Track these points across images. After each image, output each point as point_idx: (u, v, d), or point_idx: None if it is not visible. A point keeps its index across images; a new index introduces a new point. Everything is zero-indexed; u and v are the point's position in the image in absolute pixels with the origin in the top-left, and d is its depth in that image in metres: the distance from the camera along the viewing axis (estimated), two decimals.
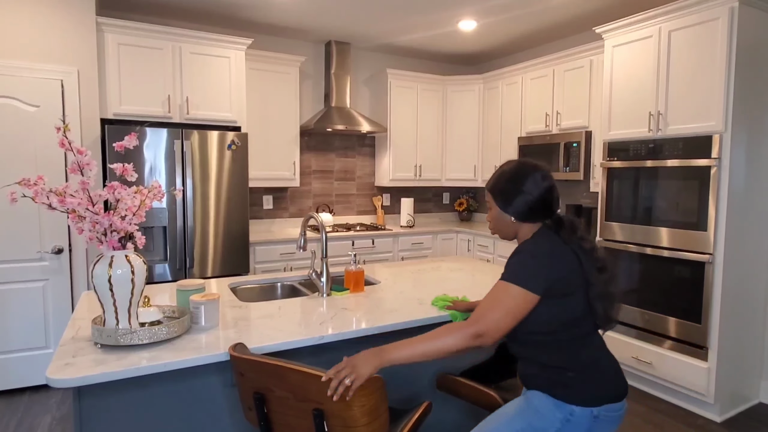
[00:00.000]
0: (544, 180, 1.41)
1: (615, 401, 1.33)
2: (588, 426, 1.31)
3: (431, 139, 5.11)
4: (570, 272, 1.33)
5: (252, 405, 1.37)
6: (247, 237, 3.78)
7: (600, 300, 1.33)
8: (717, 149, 2.79)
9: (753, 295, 3.03)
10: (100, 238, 1.47)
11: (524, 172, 1.42)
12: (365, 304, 1.99)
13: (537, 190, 1.40)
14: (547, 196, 1.41)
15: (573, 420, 1.31)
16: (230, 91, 3.85)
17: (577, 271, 1.34)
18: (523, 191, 1.41)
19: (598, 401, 1.31)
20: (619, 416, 1.34)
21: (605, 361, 1.36)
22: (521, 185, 1.41)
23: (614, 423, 1.35)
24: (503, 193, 1.44)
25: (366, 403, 1.25)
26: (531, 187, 1.40)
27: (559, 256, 1.34)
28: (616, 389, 1.34)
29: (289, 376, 1.26)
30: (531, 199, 1.40)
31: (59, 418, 2.84)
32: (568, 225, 1.39)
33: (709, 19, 2.81)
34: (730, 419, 2.92)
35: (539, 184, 1.41)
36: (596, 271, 1.34)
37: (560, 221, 1.41)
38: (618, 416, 1.34)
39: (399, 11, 3.88)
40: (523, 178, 1.42)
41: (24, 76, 3.06)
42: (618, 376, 1.36)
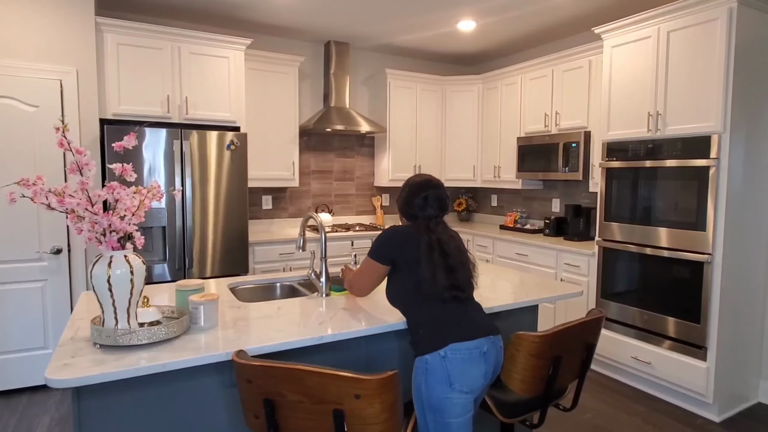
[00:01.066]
0: (411, 193, 1.82)
1: (459, 341, 1.59)
2: (443, 366, 1.57)
3: (430, 139, 5.11)
4: (408, 251, 1.70)
5: (259, 412, 1.34)
6: (246, 237, 3.78)
7: (440, 272, 1.65)
8: (716, 149, 2.80)
9: (752, 295, 3.03)
10: (99, 238, 1.47)
11: (406, 186, 1.85)
12: (364, 304, 1.99)
13: (400, 199, 1.85)
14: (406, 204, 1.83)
15: (429, 367, 1.58)
16: (229, 91, 3.85)
17: (415, 251, 1.69)
18: (400, 197, 1.86)
19: (441, 344, 1.59)
20: (476, 353, 1.60)
21: (448, 316, 1.64)
22: (401, 193, 1.86)
23: (474, 360, 1.59)
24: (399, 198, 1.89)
25: (387, 399, 1.26)
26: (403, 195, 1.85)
27: (401, 240, 1.74)
28: (461, 333, 1.61)
29: (307, 379, 1.25)
30: (400, 204, 1.85)
31: (58, 418, 2.83)
32: (422, 223, 1.76)
33: (708, 20, 2.81)
34: (728, 419, 2.93)
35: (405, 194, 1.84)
36: (439, 254, 1.67)
37: (417, 220, 1.79)
38: (474, 353, 1.59)
39: (398, 11, 3.88)
40: (403, 189, 1.85)
41: (23, 76, 3.06)
42: (463, 323, 1.64)
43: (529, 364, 1.61)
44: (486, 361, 1.62)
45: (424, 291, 1.66)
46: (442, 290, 1.65)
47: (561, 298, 2.22)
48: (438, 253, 1.67)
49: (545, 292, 2.22)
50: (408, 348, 1.99)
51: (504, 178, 4.77)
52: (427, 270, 1.65)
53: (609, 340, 3.41)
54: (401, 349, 1.97)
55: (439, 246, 1.68)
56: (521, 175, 4.46)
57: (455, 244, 1.73)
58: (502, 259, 4.39)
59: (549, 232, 4.28)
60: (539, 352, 1.60)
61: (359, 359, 1.87)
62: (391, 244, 1.75)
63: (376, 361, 1.91)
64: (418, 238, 1.71)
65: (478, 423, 2.22)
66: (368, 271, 1.82)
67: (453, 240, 1.74)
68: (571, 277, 3.73)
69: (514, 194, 5.18)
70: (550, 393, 1.71)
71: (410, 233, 1.74)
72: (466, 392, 1.57)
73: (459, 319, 1.65)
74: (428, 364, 1.59)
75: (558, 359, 1.65)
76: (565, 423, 2.85)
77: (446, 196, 1.82)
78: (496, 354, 1.66)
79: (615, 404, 3.09)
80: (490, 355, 1.63)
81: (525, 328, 2.32)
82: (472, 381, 1.58)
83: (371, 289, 1.88)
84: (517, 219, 4.85)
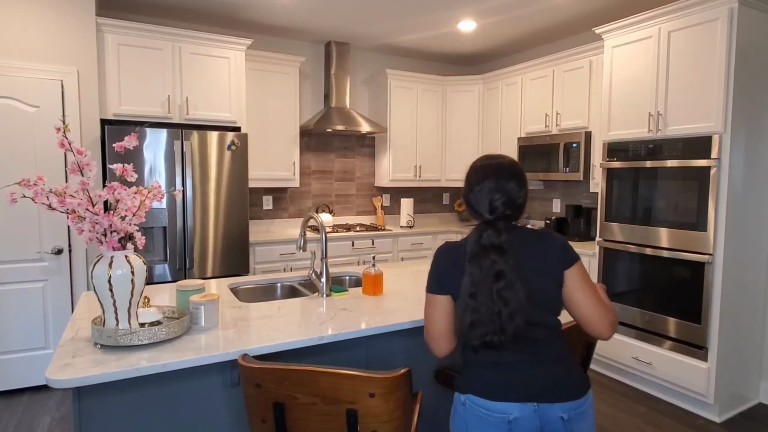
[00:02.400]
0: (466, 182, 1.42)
1: (481, 396, 1.30)
2: (462, 412, 1.34)
3: (431, 139, 5.11)
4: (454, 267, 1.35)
5: (267, 417, 1.33)
6: (246, 237, 3.78)
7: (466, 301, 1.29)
8: (716, 150, 2.79)
9: (752, 295, 3.03)
10: (99, 238, 1.47)
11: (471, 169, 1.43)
12: (365, 305, 1.99)
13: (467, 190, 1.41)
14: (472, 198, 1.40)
15: (455, 405, 1.38)
16: (230, 91, 3.85)
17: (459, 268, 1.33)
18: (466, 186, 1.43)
19: (465, 389, 1.35)
20: (497, 419, 1.27)
21: (481, 359, 1.34)
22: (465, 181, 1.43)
23: (494, 426, 1.28)
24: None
25: (400, 396, 1.27)
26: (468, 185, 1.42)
27: (444, 256, 1.40)
28: (489, 388, 1.30)
29: (321, 380, 1.25)
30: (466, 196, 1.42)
31: (59, 418, 2.83)
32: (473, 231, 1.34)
33: (709, 20, 2.81)
34: (729, 419, 2.92)
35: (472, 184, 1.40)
36: (473, 280, 1.29)
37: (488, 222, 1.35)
38: (494, 418, 1.28)
39: (398, 12, 3.88)
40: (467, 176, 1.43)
41: (24, 76, 3.06)
42: (495, 376, 1.31)
43: None
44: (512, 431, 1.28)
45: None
46: (466, 331, 1.29)
47: None
48: (471, 279, 1.29)
49: None
50: (409, 347, 2.00)
51: None
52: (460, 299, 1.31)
53: (609, 340, 3.41)
54: (401, 349, 1.97)
55: (478, 268, 1.28)
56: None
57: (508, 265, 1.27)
58: None
59: None
60: None
61: (359, 359, 1.87)
62: (434, 264, 1.41)
63: (376, 361, 1.91)
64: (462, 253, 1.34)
65: None
66: (426, 310, 1.43)
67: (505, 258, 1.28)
68: None
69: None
70: None
71: (455, 247, 1.39)
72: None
73: (491, 368, 1.32)
74: (455, 402, 1.38)
75: None
76: None
77: (516, 187, 1.35)
78: (542, 425, 1.28)
79: (615, 404, 3.08)
80: (525, 425, 1.27)
81: None
82: None
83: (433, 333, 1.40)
84: None
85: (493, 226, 1.32)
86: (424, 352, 2.04)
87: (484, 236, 1.31)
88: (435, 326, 1.40)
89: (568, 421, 1.29)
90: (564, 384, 1.30)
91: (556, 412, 1.28)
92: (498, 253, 1.28)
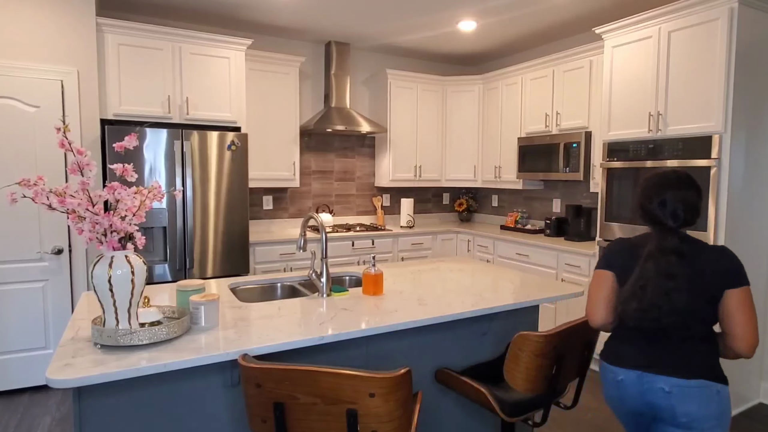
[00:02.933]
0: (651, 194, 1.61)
1: (606, 361, 1.65)
2: (602, 372, 1.70)
3: (431, 139, 5.11)
4: (627, 260, 1.62)
5: (268, 417, 1.33)
6: (246, 237, 3.78)
7: (626, 293, 1.57)
8: (717, 150, 2.79)
9: (753, 295, 3.03)
10: (99, 238, 1.47)
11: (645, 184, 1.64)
12: (365, 305, 1.99)
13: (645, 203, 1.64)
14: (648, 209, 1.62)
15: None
16: (230, 91, 3.85)
17: (632, 263, 1.60)
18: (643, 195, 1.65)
19: (601, 355, 1.70)
20: (612, 380, 1.62)
21: (624, 336, 1.63)
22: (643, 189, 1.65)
23: (609, 384, 1.64)
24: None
25: (401, 396, 1.27)
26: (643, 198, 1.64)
27: (616, 244, 1.68)
28: (610, 354, 1.65)
29: (322, 380, 1.26)
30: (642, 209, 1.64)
31: (59, 418, 2.83)
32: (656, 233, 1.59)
33: (709, 20, 2.81)
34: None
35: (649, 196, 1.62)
36: (661, 276, 1.51)
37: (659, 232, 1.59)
38: (611, 379, 1.63)
39: (399, 11, 3.88)
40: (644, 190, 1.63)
41: (24, 76, 3.06)
42: (622, 349, 1.62)
43: (533, 363, 1.61)
44: (620, 390, 1.60)
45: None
46: (627, 313, 1.54)
47: (562, 298, 2.22)
48: (644, 273, 1.53)
49: (546, 292, 2.22)
50: (409, 347, 2.00)
51: (505, 179, 4.77)
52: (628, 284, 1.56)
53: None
54: (401, 349, 1.97)
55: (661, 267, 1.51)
56: (522, 176, 4.46)
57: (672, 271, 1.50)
58: (502, 259, 4.39)
59: (550, 232, 4.28)
60: (543, 352, 1.60)
61: (359, 359, 1.87)
62: (608, 249, 1.71)
63: (376, 361, 1.91)
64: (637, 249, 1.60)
65: (478, 422, 2.22)
66: (592, 282, 1.72)
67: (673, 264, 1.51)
68: (571, 277, 3.73)
69: (515, 194, 5.18)
70: (553, 392, 1.71)
71: (628, 241, 1.66)
72: (613, 410, 1.69)
73: (623, 341, 1.63)
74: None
75: (561, 358, 1.65)
76: (566, 422, 2.85)
77: (695, 195, 1.55)
78: (643, 392, 1.54)
79: None
80: (630, 387, 1.57)
81: (526, 328, 2.32)
82: (610, 402, 1.67)
83: (600, 299, 1.65)
84: (517, 219, 4.85)
85: (676, 233, 1.54)
86: (424, 352, 2.04)
87: (668, 240, 1.53)
88: (598, 294, 1.66)
89: (670, 394, 1.50)
90: (673, 361, 1.52)
91: (657, 383, 1.52)
92: (678, 257, 1.50)
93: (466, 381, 1.80)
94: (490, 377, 2.03)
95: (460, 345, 2.13)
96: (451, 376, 1.89)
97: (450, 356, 2.10)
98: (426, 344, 2.04)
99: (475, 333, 2.17)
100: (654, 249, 1.53)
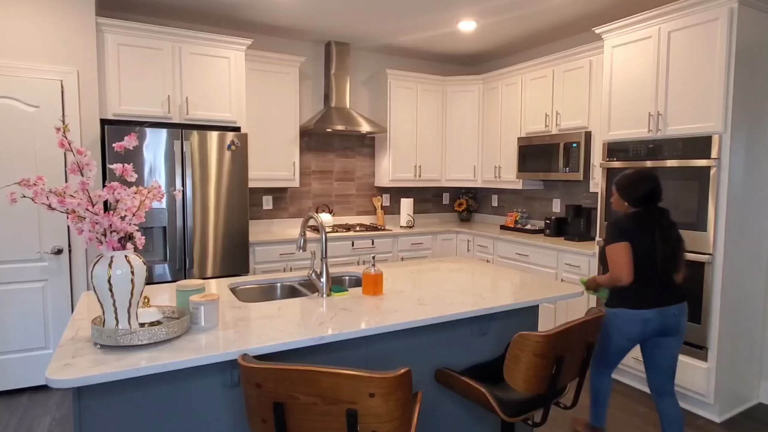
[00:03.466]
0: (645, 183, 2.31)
1: (632, 307, 2.27)
2: (622, 317, 2.31)
3: (431, 139, 5.11)
4: (638, 232, 2.25)
5: (268, 417, 1.33)
6: (246, 237, 3.78)
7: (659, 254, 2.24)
8: (716, 150, 2.79)
9: (752, 295, 3.03)
10: (99, 238, 1.47)
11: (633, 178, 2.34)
12: (365, 305, 1.99)
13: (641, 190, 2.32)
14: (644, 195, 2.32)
15: (608, 317, 2.38)
16: (230, 91, 3.85)
17: (642, 234, 2.24)
18: (636, 189, 2.32)
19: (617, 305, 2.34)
20: (638, 320, 2.26)
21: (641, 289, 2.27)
22: (633, 184, 2.33)
23: (634, 323, 2.28)
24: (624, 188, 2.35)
25: (401, 396, 1.27)
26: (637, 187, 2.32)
27: (634, 224, 2.28)
28: (639, 300, 2.27)
29: (322, 380, 1.25)
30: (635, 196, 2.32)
31: (59, 418, 2.83)
32: (655, 213, 2.29)
33: (709, 20, 2.81)
34: (729, 420, 2.92)
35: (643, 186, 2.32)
36: (663, 241, 2.23)
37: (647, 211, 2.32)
38: (636, 320, 2.27)
39: (399, 11, 3.88)
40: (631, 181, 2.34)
41: (24, 76, 3.06)
42: (642, 297, 2.27)
43: (532, 363, 1.61)
44: (645, 325, 2.26)
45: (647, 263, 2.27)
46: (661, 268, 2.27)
47: (562, 298, 2.22)
48: (656, 242, 2.26)
49: (546, 292, 2.22)
50: (409, 347, 2.00)
51: (504, 179, 4.77)
52: (659, 252, 2.25)
53: None
54: (401, 349, 1.97)
55: (665, 235, 2.27)
56: (522, 176, 4.46)
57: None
58: (502, 259, 4.39)
59: (549, 232, 4.28)
60: (543, 352, 1.60)
61: (359, 359, 1.87)
62: (619, 227, 2.28)
63: (376, 361, 1.91)
64: (647, 224, 2.26)
65: (478, 422, 2.22)
66: (619, 252, 2.26)
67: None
68: (571, 277, 3.73)
69: (515, 194, 5.18)
70: (553, 392, 1.71)
71: (624, 219, 2.29)
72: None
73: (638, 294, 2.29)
74: (608, 316, 2.34)
75: (561, 358, 1.65)
76: (566, 422, 2.85)
77: (660, 185, 2.33)
78: (662, 321, 2.25)
79: (615, 404, 3.08)
80: (652, 321, 2.25)
81: (526, 328, 2.32)
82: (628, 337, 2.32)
83: (625, 264, 2.23)
84: (517, 219, 4.85)
85: (664, 213, 2.29)
86: (424, 352, 2.04)
87: (665, 215, 2.29)
88: (625, 260, 2.21)
89: (677, 315, 2.27)
90: (675, 294, 2.28)
91: (671, 310, 2.26)
92: (674, 225, 2.30)
93: (466, 381, 1.80)
94: (490, 377, 2.03)
95: (460, 345, 2.13)
96: (451, 376, 1.89)
97: (450, 356, 2.10)
98: (426, 344, 2.04)
99: (475, 333, 2.17)
100: (666, 222, 2.25)
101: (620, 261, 2.20)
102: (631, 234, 2.22)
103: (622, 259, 2.20)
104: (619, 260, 2.20)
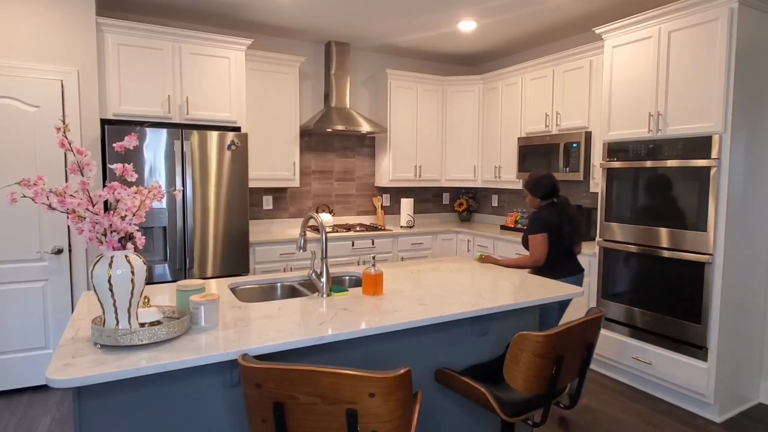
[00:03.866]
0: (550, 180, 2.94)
1: (571, 275, 2.88)
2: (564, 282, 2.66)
3: (431, 139, 5.11)
4: (555, 221, 2.86)
5: (267, 416, 1.33)
6: (246, 237, 3.78)
7: (569, 234, 2.87)
8: (717, 150, 2.79)
9: (752, 295, 3.03)
10: (99, 238, 1.47)
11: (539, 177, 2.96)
12: (365, 305, 1.99)
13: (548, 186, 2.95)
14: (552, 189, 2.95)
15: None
16: (230, 91, 3.85)
17: (557, 221, 2.85)
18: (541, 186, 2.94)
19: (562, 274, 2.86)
20: (578, 281, 2.92)
21: (565, 261, 2.90)
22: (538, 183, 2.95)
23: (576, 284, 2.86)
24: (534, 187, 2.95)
25: (401, 396, 1.27)
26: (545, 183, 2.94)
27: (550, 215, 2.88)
28: (569, 270, 2.89)
29: (322, 380, 1.25)
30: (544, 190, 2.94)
31: (59, 418, 2.83)
32: (561, 203, 2.92)
33: (709, 20, 2.81)
34: (729, 419, 2.92)
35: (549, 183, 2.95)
36: (568, 223, 2.87)
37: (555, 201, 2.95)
38: (576, 281, 2.91)
39: (399, 12, 3.88)
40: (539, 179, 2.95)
41: (24, 76, 3.06)
42: (571, 267, 2.92)
43: (532, 363, 1.61)
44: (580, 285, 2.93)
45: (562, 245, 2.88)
46: (573, 244, 2.92)
47: (562, 298, 2.22)
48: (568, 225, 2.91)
49: (546, 292, 2.22)
50: (409, 347, 2.00)
51: (504, 179, 4.77)
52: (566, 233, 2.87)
53: (610, 340, 3.41)
54: (401, 349, 1.97)
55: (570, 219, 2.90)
56: (522, 176, 4.46)
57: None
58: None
59: None
60: (543, 352, 1.60)
61: (359, 359, 1.87)
62: (546, 217, 2.86)
63: (376, 362, 1.91)
64: (557, 213, 2.86)
65: (478, 422, 2.22)
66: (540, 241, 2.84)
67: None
68: None
69: (515, 194, 5.18)
70: (553, 392, 1.71)
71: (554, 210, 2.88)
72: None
73: (565, 266, 2.91)
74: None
75: (561, 358, 1.65)
76: (566, 422, 2.85)
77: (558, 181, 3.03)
78: (581, 280, 2.94)
79: (615, 405, 3.08)
80: (578, 284, 2.90)
81: (526, 328, 2.32)
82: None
83: (545, 251, 2.83)
84: (517, 219, 4.85)
85: (567, 201, 2.96)
86: (424, 352, 2.04)
87: (568, 202, 2.94)
88: (541, 248, 2.82)
89: (582, 279, 2.94)
90: (579, 264, 2.95)
91: (583, 277, 2.93)
92: (575, 213, 2.94)
93: (466, 381, 1.80)
94: (490, 377, 2.03)
95: (460, 345, 2.13)
96: (451, 376, 1.89)
97: (450, 356, 2.10)
98: (426, 344, 2.04)
99: (475, 333, 2.17)
100: (571, 209, 2.91)
101: (540, 248, 2.80)
102: (549, 224, 2.82)
103: (541, 247, 2.80)
104: (540, 247, 2.80)
